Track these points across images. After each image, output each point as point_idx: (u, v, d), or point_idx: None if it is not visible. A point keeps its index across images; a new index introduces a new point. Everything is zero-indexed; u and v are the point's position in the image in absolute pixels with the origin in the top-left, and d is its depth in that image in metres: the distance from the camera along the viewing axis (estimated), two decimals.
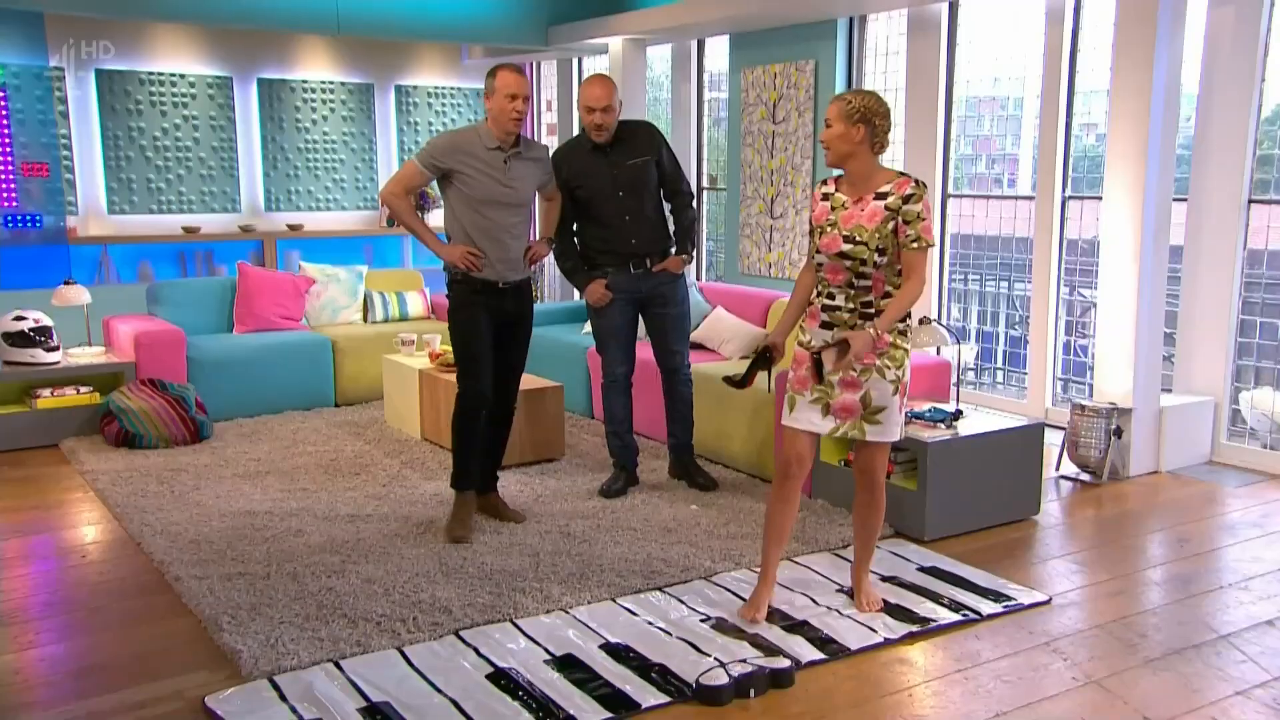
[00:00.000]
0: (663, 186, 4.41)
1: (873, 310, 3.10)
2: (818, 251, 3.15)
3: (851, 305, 3.12)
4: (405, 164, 3.99)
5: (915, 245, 3.05)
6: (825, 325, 3.17)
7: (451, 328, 4.04)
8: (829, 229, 3.13)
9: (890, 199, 3.07)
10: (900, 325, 3.14)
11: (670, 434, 4.61)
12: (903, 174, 3.12)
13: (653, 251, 4.34)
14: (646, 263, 4.33)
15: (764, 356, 3.23)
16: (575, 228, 4.41)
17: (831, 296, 3.16)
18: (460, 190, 3.90)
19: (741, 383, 3.24)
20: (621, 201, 4.27)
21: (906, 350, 3.17)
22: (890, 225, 3.05)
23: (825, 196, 3.21)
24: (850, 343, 2.98)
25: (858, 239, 3.07)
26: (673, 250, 4.42)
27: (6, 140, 6.89)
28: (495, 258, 3.93)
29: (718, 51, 7.67)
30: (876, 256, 3.06)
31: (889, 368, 3.11)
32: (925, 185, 3.11)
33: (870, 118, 3.07)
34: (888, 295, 3.10)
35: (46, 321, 5.56)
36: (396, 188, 3.96)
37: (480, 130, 3.92)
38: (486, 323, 3.98)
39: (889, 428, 3.15)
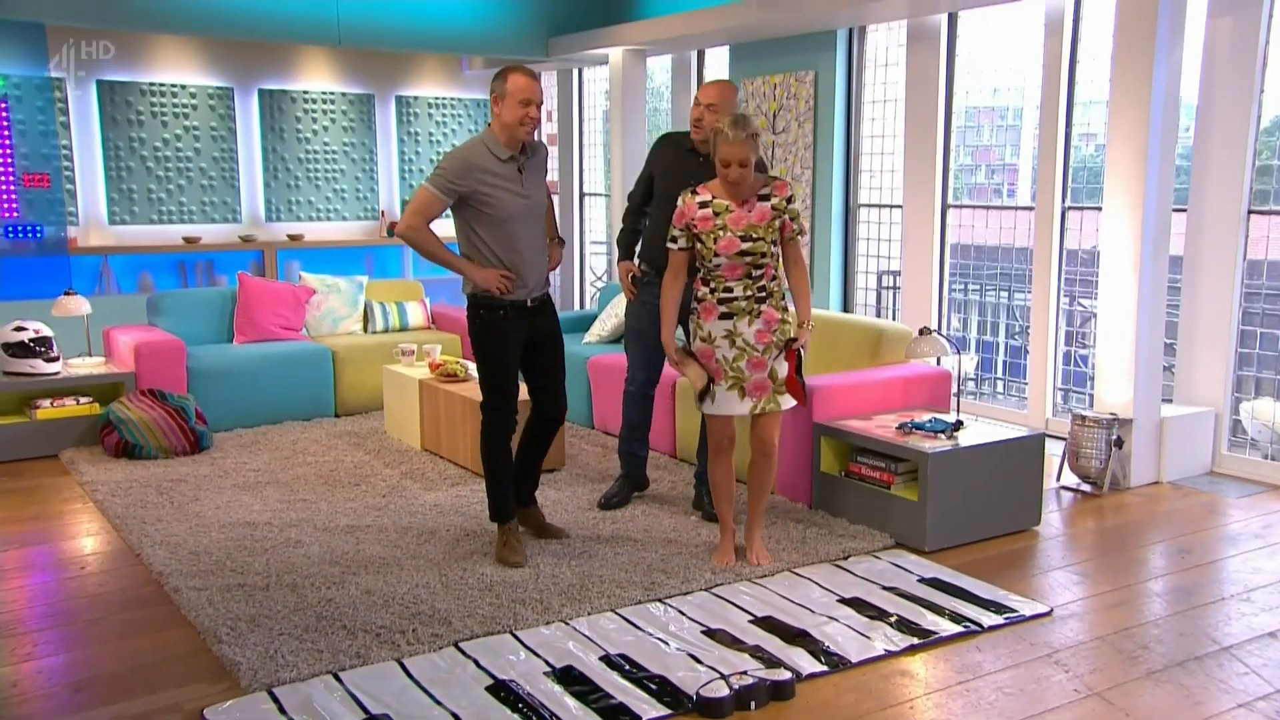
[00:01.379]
0: None
1: (765, 293, 3.62)
2: (715, 255, 3.56)
3: (749, 293, 3.61)
4: (418, 193, 3.66)
5: (799, 237, 3.64)
6: (724, 316, 3.62)
7: (477, 351, 3.81)
8: (721, 233, 3.56)
9: (775, 200, 3.58)
10: (784, 302, 3.70)
11: (700, 460, 4.37)
12: (773, 177, 3.65)
13: None
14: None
15: (687, 350, 3.70)
16: (645, 216, 4.34)
17: (729, 290, 3.61)
18: (481, 211, 3.66)
19: (712, 384, 3.66)
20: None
21: (790, 322, 3.69)
22: (778, 222, 3.58)
23: (704, 204, 3.60)
24: (807, 342, 3.65)
25: (754, 236, 3.55)
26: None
27: (8, 151, 6.90)
28: (526, 275, 3.74)
29: (718, 62, 7.69)
30: (772, 248, 3.59)
31: (781, 336, 3.65)
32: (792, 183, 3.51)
33: (759, 138, 3.57)
34: (773, 277, 3.65)
35: (47, 332, 5.56)
36: (416, 220, 3.64)
37: (487, 142, 3.68)
38: (516, 344, 3.79)
39: (788, 398, 3.70)
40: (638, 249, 4.37)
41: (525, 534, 4.01)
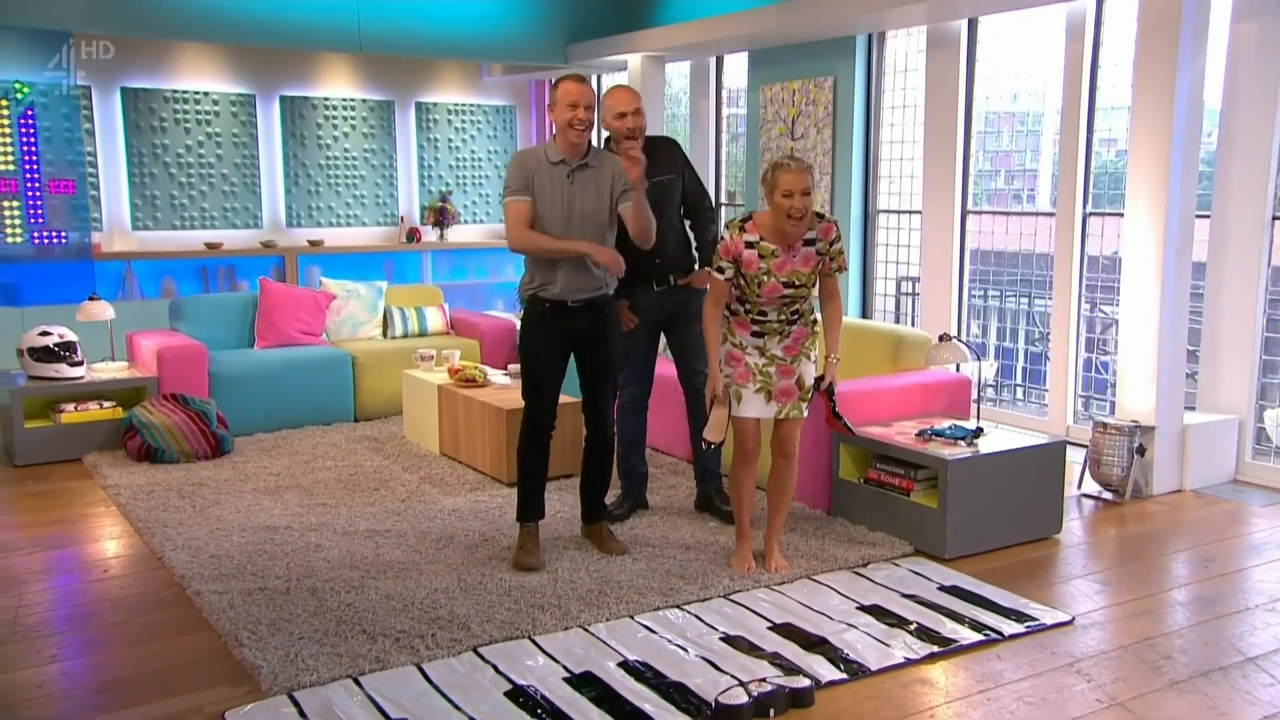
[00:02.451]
0: (684, 203, 4.34)
1: (797, 315, 3.68)
2: (758, 296, 3.60)
3: (782, 317, 3.67)
4: (506, 207, 3.77)
5: (838, 273, 3.68)
6: (756, 334, 3.69)
7: (520, 348, 3.95)
8: (765, 278, 3.58)
9: (819, 244, 3.60)
10: (812, 316, 3.77)
11: (697, 462, 4.47)
12: (820, 216, 3.61)
13: (677, 269, 4.27)
14: (670, 280, 4.29)
15: (724, 402, 3.69)
16: None
17: (764, 313, 3.66)
18: (534, 209, 3.75)
19: (721, 443, 3.73)
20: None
21: (817, 334, 3.80)
22: (819, 264, 3.63)
23: (750, 245, 3.58)
24: (833, 377, 3.72)
25: (797, 283, 3.60)
26: (697, 266, 4.38)
27: (34, 158, 6.98)
28: (560, 274, 3.77)
29: (736, 68, 7.69)
30: (812, 287, 3.66)
31: (810, 350, 3.74)
32: (838, 222, 3.72)
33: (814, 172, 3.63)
34: (806, 300, 3.69)
35: (71, 337, 5.62)
36: (517, 229, 3.73)
37: (546, 146, 3.80)
38: (555, 344, 3.84)
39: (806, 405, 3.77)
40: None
41: (566, 541, 4.06)
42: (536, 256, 3.79)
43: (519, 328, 3.94)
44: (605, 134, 4.16)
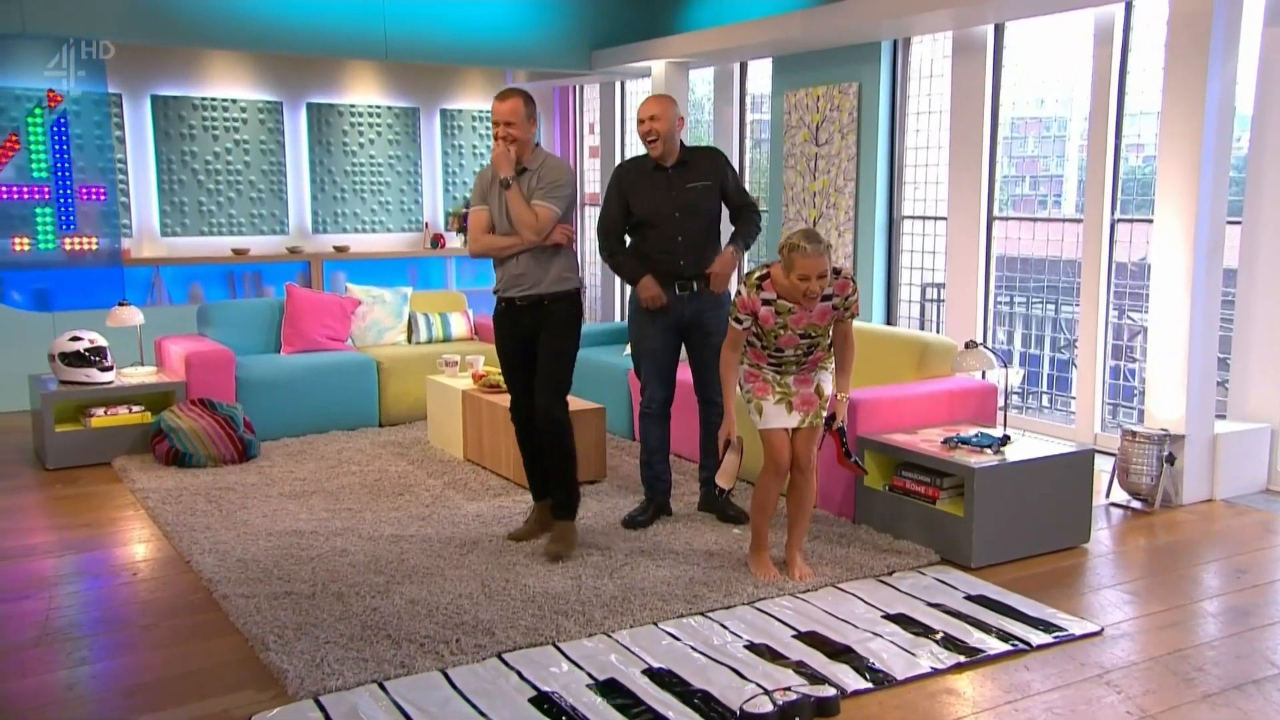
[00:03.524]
0: (728, 206, 4.39)
1: (815, 353, 3.72)
2: (776, 347, 3.68)
3: (799, 353, 3.71)
4: (469, 219, 4.20)
5: (852, 318, 3.72)
6: (773, 365, 3.74)
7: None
8: (782, 332, 3.65)
9: (835, 300, 3.64)
10: (828, 342, 3.78)
11: (703, 466, 4.52)
12: (836, 272, 3.63)
13: (700, 275, 4.30)
14: (693, 285, 4.30)
15: (737, 449, 3.72)
16: (629, 243, 4.42)
17: (780, 351, 3.70)
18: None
19: (731, 489, 3.81)
20: (678, 223, 4.25)
21: (831, 355, 3.81)
22: (835, 315, 3.67)
23: (767, 302, 3.63)
24: (843, 416, 3.75)
25: (813, 334, 3.67)
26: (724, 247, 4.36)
27: (66, 165, 7.08)
28: (504, 272, 4.06)
29: (760, 74, 7.68)
30: (826, 340, 3.72)
31: (828, 364, 3.77)
32: (855, 279, 3.70)
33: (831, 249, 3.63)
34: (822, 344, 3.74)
35: (101, 342, 5.68)
36: (473, 234, 4.13)
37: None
38: (511, 339, 4.14)
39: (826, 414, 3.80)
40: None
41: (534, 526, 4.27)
42: (491, 257, 4.11)
43: None
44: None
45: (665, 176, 4.27)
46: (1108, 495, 4.83)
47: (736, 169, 7.96)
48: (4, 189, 6.93)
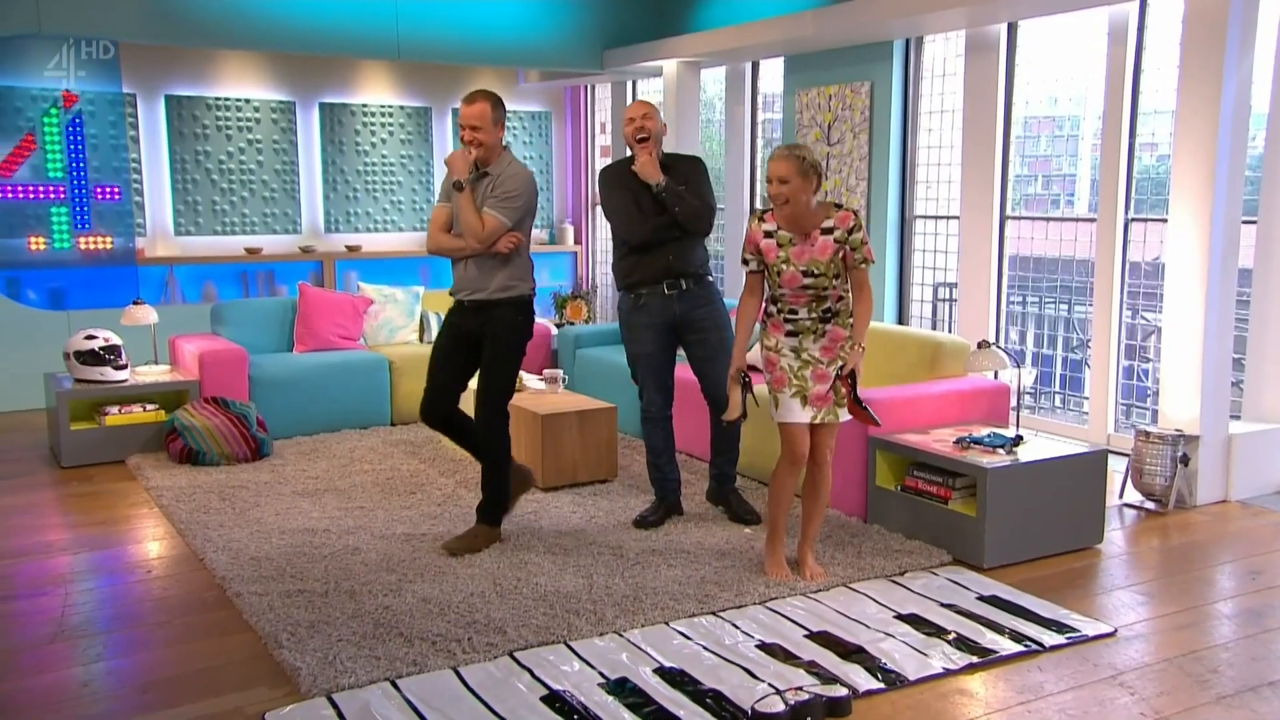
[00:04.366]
0: None
1: (830, 313, 3.66)
2: (779, 287, 3.63)
3: (814, 314, 3.66)
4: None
5: (864, 265, 3.63)
6: (790, 334, 3.69)
7: None
8: (784, 266, 3.62)
9: (837, 233, 3.60)
10: (849, 318, 3.71)
11: (713, 464, 4.52)
12: (838, 206, 3.65)
13: (688, 273, 4.29)
14: (681, 284, 4.28)
15: (743, 383, 3.69)
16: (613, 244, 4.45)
17: (794, 311, 3.67)
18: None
19: (742, 416, 3.72)
20: (658, 223, 4.24)
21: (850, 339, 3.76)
22: (840, 254, 3.61)
23: (769, 234, 3.65)
24: (858, 365, 3.64)
25: (816, 272, 3.60)
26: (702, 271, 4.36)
27: (81, 164, 7.12)
28: (455, 273, 4.11)
29: (772, 73, 7.67)
30: (834, 281, 3.63)
31: (842, 358, 3.68)
32: (859, 212, 3.54)
33: (817, 170, 3.60)
34: (840, 299, 3.67)
35: (116, 341, 5.72)
36: (430, 230, 4.25)
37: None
38: (452, 337, 4.15)
39: (846, 412, 3.72)
40: (624, 267, 4.36)
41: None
42: (441, 256, 4.19)
43: None
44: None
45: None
46: (1121, 496, 4.81)
47: (750, 168, 7.97)
48: (20, 188, 6.97)
